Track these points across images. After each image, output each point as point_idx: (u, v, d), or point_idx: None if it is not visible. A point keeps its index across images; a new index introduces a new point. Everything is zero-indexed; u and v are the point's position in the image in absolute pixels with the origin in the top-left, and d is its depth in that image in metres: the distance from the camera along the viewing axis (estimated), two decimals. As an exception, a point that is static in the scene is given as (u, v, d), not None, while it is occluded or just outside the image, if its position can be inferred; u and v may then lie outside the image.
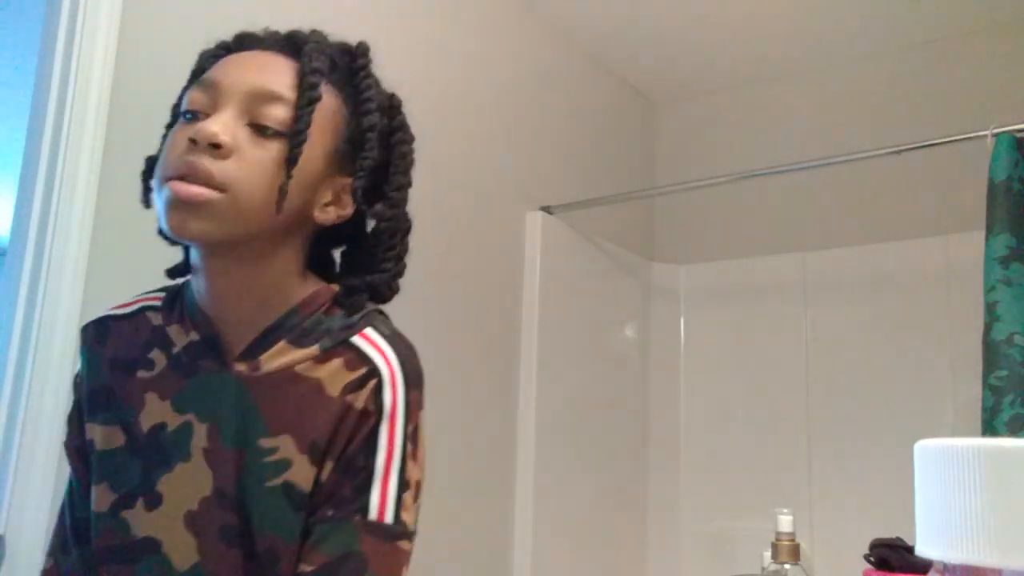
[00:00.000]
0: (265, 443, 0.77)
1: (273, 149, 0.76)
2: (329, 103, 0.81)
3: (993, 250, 1.63)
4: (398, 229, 0.86)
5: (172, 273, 0.87)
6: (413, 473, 0.79)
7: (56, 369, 1.30)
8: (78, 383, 0.86)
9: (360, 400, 0.78)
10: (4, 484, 1.25)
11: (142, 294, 0.89)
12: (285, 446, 0.77)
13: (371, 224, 0.87)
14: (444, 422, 1.90)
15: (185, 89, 0.82)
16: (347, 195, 0.83)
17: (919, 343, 2.26)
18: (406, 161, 0.87)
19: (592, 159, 2.57)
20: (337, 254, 0.93)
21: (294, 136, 0.77)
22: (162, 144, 0.80)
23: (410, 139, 0.88)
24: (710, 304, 2.66)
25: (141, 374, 0.82)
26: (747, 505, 2.46)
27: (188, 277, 0.86)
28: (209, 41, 0.89)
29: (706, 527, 2.53)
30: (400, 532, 0.77)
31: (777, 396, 2.46)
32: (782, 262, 2.54)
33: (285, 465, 0.76)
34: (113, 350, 0.84)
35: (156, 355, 0.82)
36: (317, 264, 0.88)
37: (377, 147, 0.83)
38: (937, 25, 2.35)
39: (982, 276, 1.66)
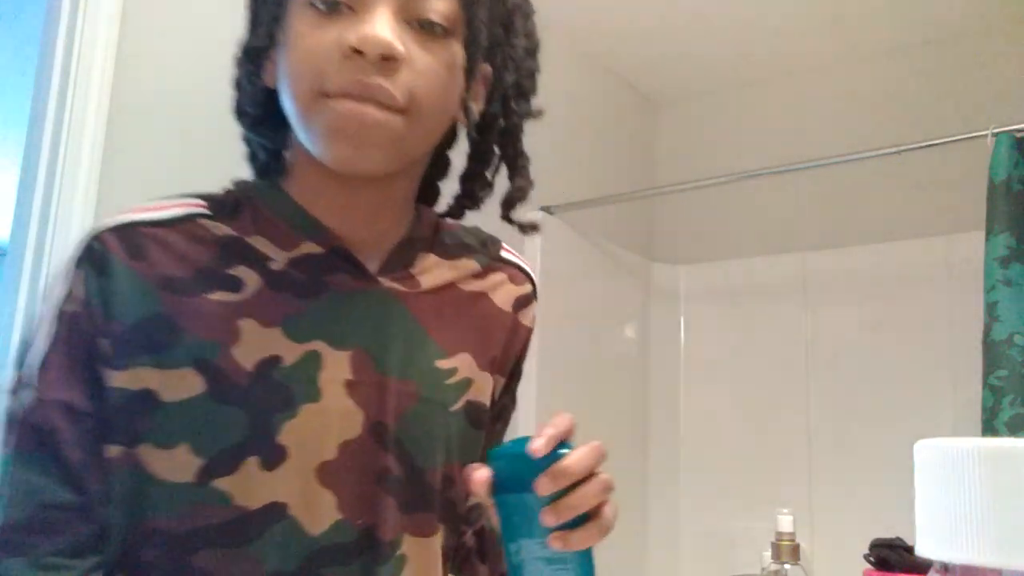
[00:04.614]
0: (443, 365, 0.67)
1: (440, 52, 0.62)
2: None
3: (993, 250, 1.63)
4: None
5: (261, 171, 0.71)
6: None
7: (56, 369, 1.30)
8: (77, 314, 0.59)
9: (528, 318, 0.79)
10: (4, 484, 1.25)
11: (165, 197, 0.66)
12: (464, 365, 0.69)
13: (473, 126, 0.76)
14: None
15: None
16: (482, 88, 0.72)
17: (919, 343, 2.26)
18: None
19: (592, 159, 2.56)
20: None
21: (473, 41, 0.64)
22: (262, 28, 0.65)
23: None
24: (710, 304, 2.66)
25: (221, 296, 0.61)
26: (747, 505, 2.46)
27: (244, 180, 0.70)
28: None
29: (706, 527, 2.53)
30: None
31: (777, 396, 2.46)
32: (782, 262, 2.53)
33: (466, 385, 0.68)
34: (162, 267, 0.61)
35: (243, 272, 0.62)
36: None
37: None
38: (937, 25, 2.35)
39: (982, 276, 1.66)
